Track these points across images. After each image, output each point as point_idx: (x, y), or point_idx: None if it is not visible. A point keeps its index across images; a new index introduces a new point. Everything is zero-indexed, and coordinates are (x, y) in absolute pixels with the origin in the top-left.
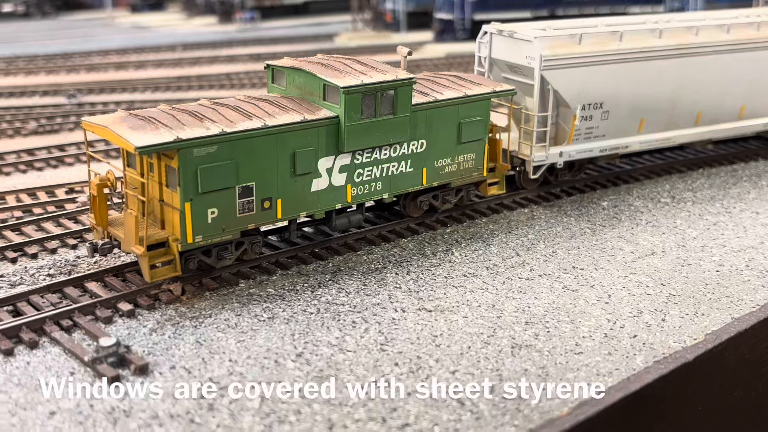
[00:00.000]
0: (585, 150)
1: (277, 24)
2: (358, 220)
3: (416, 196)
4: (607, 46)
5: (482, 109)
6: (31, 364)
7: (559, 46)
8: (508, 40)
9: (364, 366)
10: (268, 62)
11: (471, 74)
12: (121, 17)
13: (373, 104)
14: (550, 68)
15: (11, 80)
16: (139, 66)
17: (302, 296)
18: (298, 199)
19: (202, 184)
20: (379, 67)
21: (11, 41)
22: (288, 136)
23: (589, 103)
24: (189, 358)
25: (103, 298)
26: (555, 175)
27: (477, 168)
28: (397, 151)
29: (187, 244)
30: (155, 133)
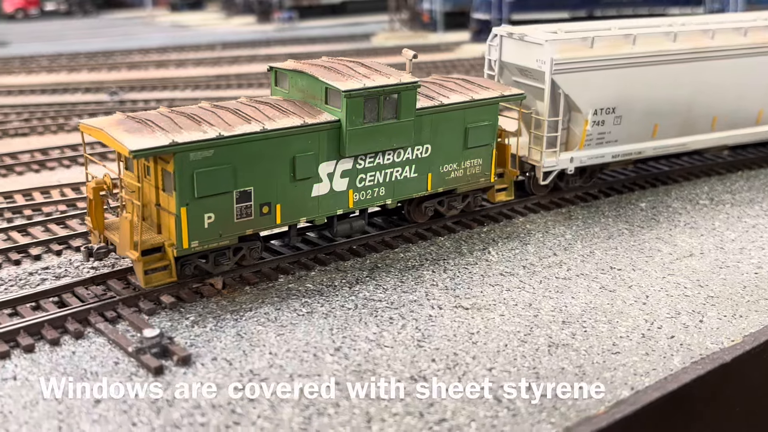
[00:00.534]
0: (597, 156)
1: (315, 24)
2: (360, 225)
3: (421, 201)
4: (620, 49)
5: (490, 114)
6: (77, 353)
7: (571, 49)
8: (518, 43)
9: (401, 361)
10: (271, 65)
11: (480, 78)
12: (161, 16)
13: (375, 108)
14: (561, 72)
15: (54, 77)
16: (180, 64)
17: (340, 292)
18: (298, 205)
19: (199, 188)
20: (383, 70)
21: (54, 39)
22: (288, 140)
23: (601, 108)
24: (230, 350)
25: (147, 290)
26: (566, 181)
27: (484, 174)
28: (400, 156)
29: (182, 249)
30: (151, 136)
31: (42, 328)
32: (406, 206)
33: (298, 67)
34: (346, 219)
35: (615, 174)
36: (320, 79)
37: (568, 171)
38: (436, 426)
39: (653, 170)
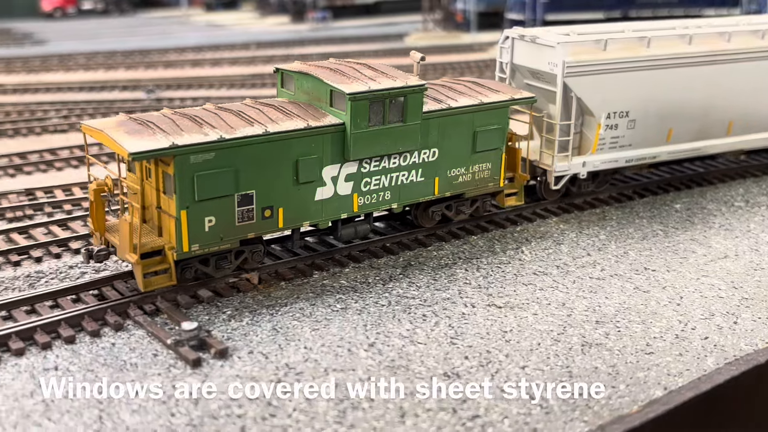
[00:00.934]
0: (610, 160)
1: (348, 24)
2: (365, 230)
3: (428, 206)
4: (634, 52)
5: (499, 117)
6: (116, 345)
7: (583, 52)
8: (530, 46)
9: (434, 358)
10: (277, 66)
11: (490, 81)
12: (196, 15)
13: (381, 111)
14: (574, 75)
15: (92, 75)
16: (215, 63)
17: (374, 289)
18: (301, 208)
19: (199, 191)
20: (390, 72)
21: (91, 37)
22: (291, 143)
23: (614, 112)
24: (266, 344)
25: (183, 285)
26: (578, 185)
27: (493, 178)
28: (407, 159)
29: (182, 252)
30: (151, 138)
31: (82, 320)
32: (413, 210)
33: (304, 68)
34: (350, 223)
35: (649, 175)
36: (325, 81)
37: (580, 175)
38: (469, 422)
39: (688, 172)
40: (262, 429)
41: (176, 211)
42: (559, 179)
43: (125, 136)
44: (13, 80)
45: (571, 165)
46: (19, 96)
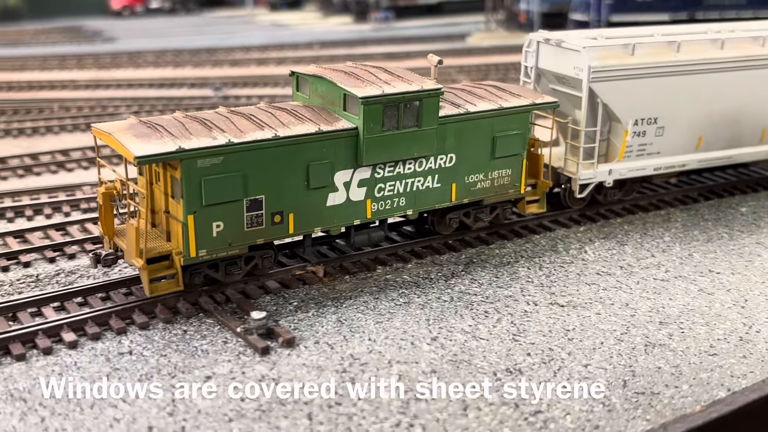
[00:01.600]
0: (637, 168)
1: (411, 24)
2: (379, 237)
3: (445, 213)
4: (663, 57)
5: (520, 122)
6: (188, 332)
7: (610, 56)
8: (555, 50)
9: (497, 354)
10: (293, 69)
11: (513, 85)
12: (260, 15)
13: (395, 116)
14: (600, 80)
15: (161, 72)
16: (280, 62)
17: (436, 284)
18: (312, 214)
19: (207, 196)
20: (406, 76)
21: (159, 36)
22: (301, 147)
23: (642, 118)
24: (331, 334)
25: (255, 275)
26: (604, 194)
27: (514, 185)
28: (422, 165)
29: (190, 258)
30: (159, 142)
31: (155, 308)
32: (430, 217)
33: (319, 72)
34: (364, 230)
35: (715, 178)
36: (338, 85)
37: (606, 184)
38: (531, 417)
39: (755, 175)
40: (328, 416)
41: (183, 216)
42: (584, 187)
43: (133, 139)
44: (85, 76)
45: (597, 173)
46: (91, 92)
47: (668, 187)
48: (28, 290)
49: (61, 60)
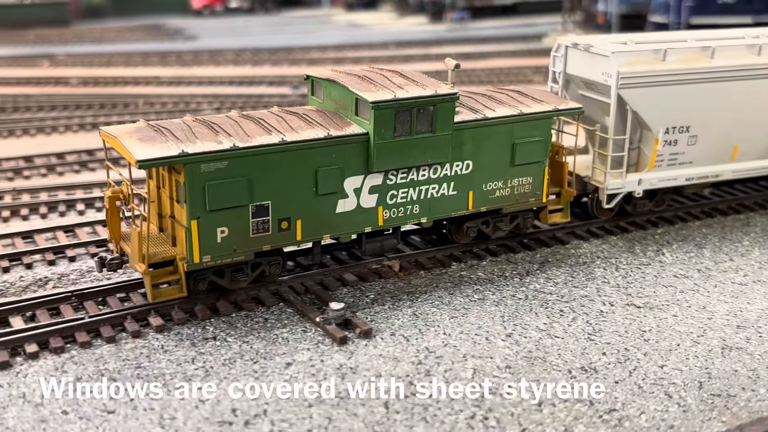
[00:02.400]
0: (668, 178)
1: (486, 24)
2: (392, 244)
3: (463, 221)
4: (696, 63)
5: (542, 129)
6: (269, 320)
7: (640, 62)
8: (584, 55)
9: (571, 352)
10: (308, 73)
11: (536, 89)
12: (337, 15)
13: (408, 121)
14: (629, 86)
15: (240, 70)
16: (356, 61)
17: (511, 282)
18: (320, 221)
19: (210, 201)
20: (421, 80)
21: (239, 35)
22: (309, 152)
23: (673, 127)
24: (407, 327)
25: (332, 269)
26: (633, 204)
27: (535, 193)
28: (437, 172)
29: (193, 264)
30: (162, 146)
31: (238, 297)
32: (447, 225)
33: (332, 76)
34: (376, 237)
35: None
36: (350, 89)
37: (635, 194)
38: (605, 415)
39: None
40: (404, 406)
41: (187, 221)
42: (612, 197)
43: (137, 143)
44: (168, 73)
45: (626, 182)
46: (174, 88)
47: (722, 195)
48: (116, 276)
49: (145, 57)
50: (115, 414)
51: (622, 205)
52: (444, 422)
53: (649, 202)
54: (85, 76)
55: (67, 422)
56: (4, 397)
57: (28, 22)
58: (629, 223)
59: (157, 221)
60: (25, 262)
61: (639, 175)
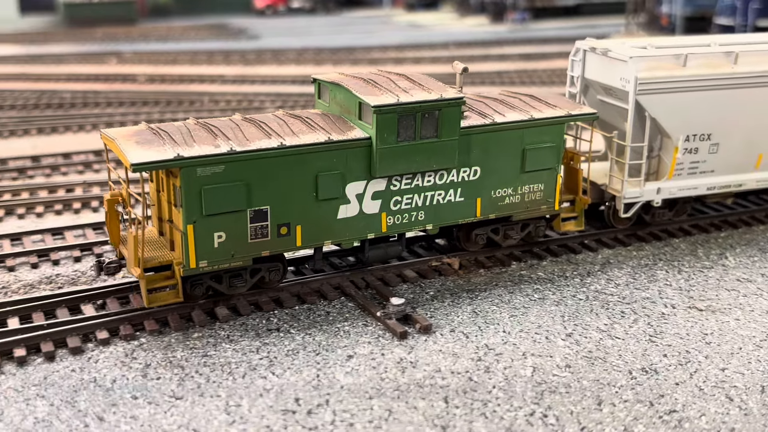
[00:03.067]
0: (688, 187)
1: (548, 25)
2: (396, 251)
3: (472, 228)
4: (719, 69)
5: (554, 135)
6: (330, 314)
7: (660, 67)
8: (602, 59)
9: (632, 353)
10: (314, 76)
11: (550, 94)
12: (397, 15)
13: (412, 125)
14: (648, 92)
15: (302, 69)
16: (416, 61)
17: (571, 282)
18: (321, 227)
19: (207, 205)
20: (428, 84)
21: (301, 34)
22: (309, 157)
23: (694, 134)
24: (466, 324)
25: (393, 265)
26: (651, 214)
27: (547, 200)
28: (443, 178)
29: (189, 269)
30: (159, 149)
31: (301, 290)
32: (455, 232)
33: (337, 79)
34: (380, 244)
35: None
36: (354, 93)
37: (654, 203)
38: (666, 416)
39: None
40: (464, 401)
41: (183, 226)
42: (630, 206)
43: (133, 146)
44: (232, 71)
45: (644, 191)
46: (238, 86)
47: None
48: None
49: (209, 56)
50: (183, 400)
51: (640, 214)
52: (503, 418)
53: (669, 211)
54: (151, 74)
55: (136, 407)
56: (77, 381)
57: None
58: (692, 226)
59: (158, 225)
60: (95, 251)
61: (658, 183)
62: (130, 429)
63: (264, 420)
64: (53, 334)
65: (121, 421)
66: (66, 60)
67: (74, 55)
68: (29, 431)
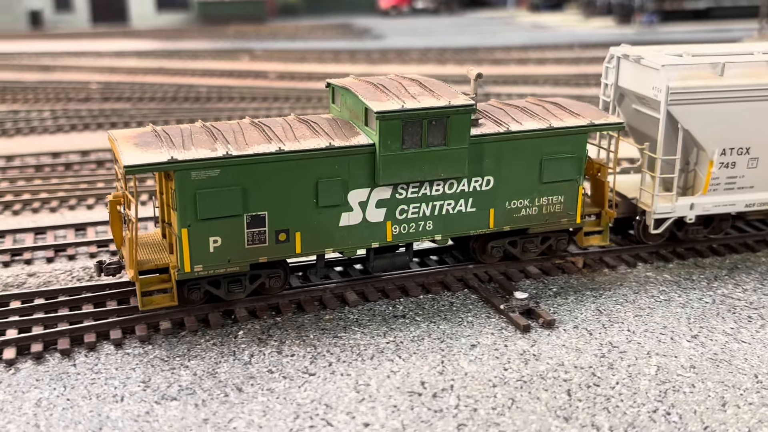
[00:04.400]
0: (725, 203)
1: (677, 29)
2: (403, 261)
3: (487, 240)
4: (759, 78)
5: (575, 145)
6: (454, 305)
7: (694, 76)
8: (635, 67)
9: (758, 358)
10: (329, 80)
11: (577, 102)
12: (521, 16)
13: (418, 133)
14: (680, 103)
15: (425, 68)
16: (540, 62)
17: (698, 286)
18: (322, 234)
19: (201, 209)
20: (439, 90)
21: (424, 34)
22: (309, 163)
23: (731, 148)
24: (590, 322)
25: (519, 261)
26: (685, 230)
27: (567, 213)
28: (453, 187)
29: (184, 273)
30: (155, 152)
31: (425, 281)
32: (471, 244)
33: (347, 83)
34: (387, 253)
35: None
36: (360, 98)
37: (687, 219)
38: None
39: None
40: (587, 395)
41: (177, 229)
42: (661, 222)
43: (131, 148)
44: (357, 69)
45: (676, 206)
46: None
47: None
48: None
49: (336, 54)
50: (315, 376)
51: (674, 231)
52: (626, 413)
53: (704, 228)
54: (281, 71)
55: (272, 380)
56: (217, 354)
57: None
58: None
59: (162, 228)
60: None
61: (691, 199)
62: (267, 400)
63: (391, 399)
64: (195, 310)
65: (258, 392)
66: (201, 56)
67: (208, 52)
68: (174, 397)
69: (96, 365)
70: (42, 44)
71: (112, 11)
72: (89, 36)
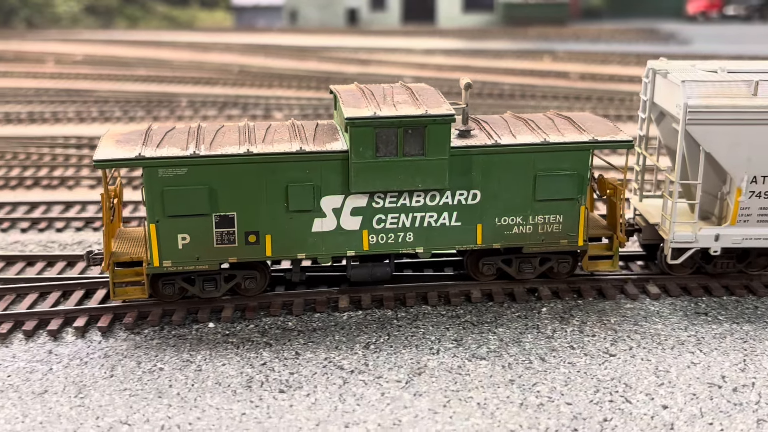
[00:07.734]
0: (756, 236)
1: None
2: (384, 273)
3: (479, 257)
4: None
5: (575, 162)
6: (759, 309)
7: (720, 94)
8: (665, 82)
9: None
10: (332, 86)
11: (593, 117)
12: None
13: (393, 141)
14: (701, 122)
15: None
16: None
17: None
18: (294, 238)
19: (168, 207)
20: (424, 98)
21: (733, 42)
22: (277, 167)
23: (763, 176)
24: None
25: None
26: (713, 263)
27: (567, 234)
28: (435, 199)
29: (153, 267)
30: (128, 148)
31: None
32: (464, 260)
33: (339, 89)
34: (367, 263)
35: None
36: (340, 104)
37: (712, 251)
38: None
39: None
40: None
41: (146, 224)
42: (680, 252)
43: (110, 144)
44: None
45: (699, 236)
46: None
47: None
48: None
49: (639, 58)
50: (615, 357)
51: (700, 263)
52: None
53: (738, 262)
54: (582, 72)
55: (573, 355)
56: (522, 325)
57: (531, 19)
58: None
59: None
60: None
61: (717, 229)
62: (568, 372)
63: (690, 388)
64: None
65: (560, 364)
66: (503, 56)
67: (511, 52)
68: (483, 357)
69: (414, 321)
70: (358, 40)
71: (422, 11)
72: (400, 33)
